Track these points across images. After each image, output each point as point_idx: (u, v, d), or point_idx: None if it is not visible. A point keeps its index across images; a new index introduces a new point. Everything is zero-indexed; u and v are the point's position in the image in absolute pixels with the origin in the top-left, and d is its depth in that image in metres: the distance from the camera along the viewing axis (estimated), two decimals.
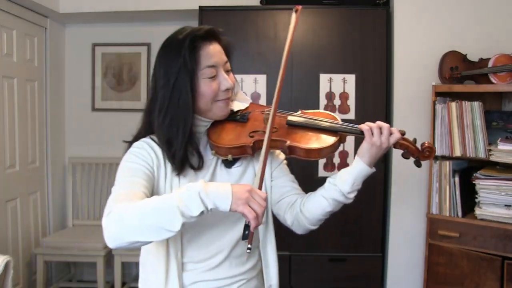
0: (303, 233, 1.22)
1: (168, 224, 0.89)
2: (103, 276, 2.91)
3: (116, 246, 0.92)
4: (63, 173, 3.48)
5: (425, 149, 1.15)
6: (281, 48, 1.22)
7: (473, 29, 2.53)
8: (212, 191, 0.92)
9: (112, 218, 0.92)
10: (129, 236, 0.91)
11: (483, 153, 2.17)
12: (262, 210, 0.93)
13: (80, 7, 3.12)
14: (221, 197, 0.92)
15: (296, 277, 2.71)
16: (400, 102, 2.65)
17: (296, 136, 1.15)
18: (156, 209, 0.90)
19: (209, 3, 2.79)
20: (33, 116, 3.13)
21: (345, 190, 1.11)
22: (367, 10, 2.68)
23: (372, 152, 1.10)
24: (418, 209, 2.61)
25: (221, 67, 1.14)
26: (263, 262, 1.22)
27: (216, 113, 1.15)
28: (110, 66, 3.48)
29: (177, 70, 1.08)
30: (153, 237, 0.91)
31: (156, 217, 0.89)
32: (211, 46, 1.12)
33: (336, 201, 1.13)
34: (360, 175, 1.11)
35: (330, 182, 1.15)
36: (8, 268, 1.84)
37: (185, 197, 0.91)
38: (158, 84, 1.11)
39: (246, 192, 0.93)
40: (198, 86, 1.10)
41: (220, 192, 0.92)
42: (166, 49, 1.13)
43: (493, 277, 2.11)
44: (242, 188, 0.94)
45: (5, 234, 2.80)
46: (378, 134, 1.10)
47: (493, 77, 2.23)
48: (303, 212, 1.17)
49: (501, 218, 2.12)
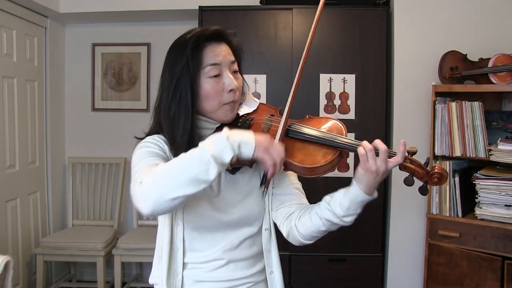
0: (298, 245, 1.18)
1: (204, 173, 0.89)
2: (103, 276, 2.91)
3: (153, 209, 0.90)
4: (63, 173, 3.48)
5: (434, 175, 1.00)
6: (281, 48, 1.20)
7: (473, 29, 2.53)
8: (238, 136, 0.93)
9: (147, 182, 0.90)
10: (168, 193, 0.88)
11: (483, 153, 2.17)
12: (280, 159, 0.95)
13: (80, 7, 3.12)
14: (246, 143, 0.93)
15: (296, 277, 2.71)
16: (400, 102, 2.65)
17: (292, 149, 1.06)
18: (191, 161, 0.90)
19: (209, 3, 2.79)
20: (33, 116, 3.13)
21: (339, 214, 1.04)
22: (367, 10, 2.68)
23: (369, 177, 0.99)
24: (418, 209, 2.61)
25: (227, 67, 1.10)
26: (267, 267, 1.21)
27: (220, 117, 1.12)
28: (110, 66, 3.48)
29: (180, 69, 1.07)
30: (192, 189, 0.89)
31: (193, 169, 0.89)
32: (217, 46, 1.10)
33: (330, 222, 1.07)
34: (356, 201, 1.02)
35: (326, 201, 1.09)
36: (8, 268, 1.84)
37: (216, 144, 0.90)
38: (163, 83, 1.11)
39: (266, 141, 0.95)
40: (199, 86, 1.08)
41: (244, 138, 0.93)
42: (172, 49, 1.12)
43: (493, 277, 2.11)
44: (262, 137, 0.95)
45: (5, 234, 2.80)
46: (373, 159, 0.98)
47: (493, 77, 2.23)
48: (298, 227, 1.13)
49: (501, 218, 2.12)
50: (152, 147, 1.08)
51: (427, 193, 1.03)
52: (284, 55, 2.67)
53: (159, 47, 3.41)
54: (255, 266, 1.19)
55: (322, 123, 1.12)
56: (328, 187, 1.20)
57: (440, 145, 2.28)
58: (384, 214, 2.75)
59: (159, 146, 1.09)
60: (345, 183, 1.07)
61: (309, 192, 1.25)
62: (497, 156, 2.12)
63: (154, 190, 0.89)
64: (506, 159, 2.10)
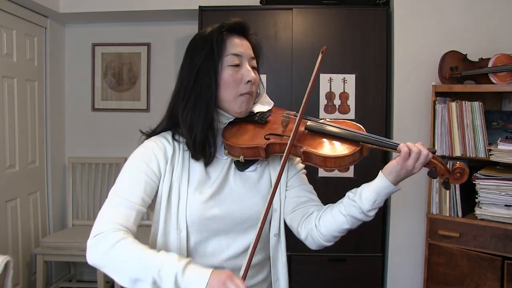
0: (316, 249, 1.17)
1: (140, 282, 0.93)
2: (103, 276, 2.90)
3: (93, 266, 1.01)
4: (63, 173, 3.48)
5: (456, 170, 1.04)
6: (281, 48, 1.21)
7: (473, 29, 2.53)
8: (188, 278, 0.90)
9: (98, 246, 0.98)
10: (106, 271, 0.97)
11: (483, 153, 2.17)
12: None
13: (80, 7, 3.12)
14: (195, 285, 0.89)
15: (296, 277, 2.71)
16: (400, 102, 2.65)
17: (313, 142, 1.08)
18: (137, 266, 0.93)
19: (209, 3, 2.79)
20: (33, 116, 3.13)
21: (365, 208, 1.05)
22: (367, 10, 2.68)
23: (401, 173, 1.03)
24: (418, 209, 2.61)
25: (246, 60, 1.13)
26: (273, 274, 1.18)
27: (235, 109, 1.12)
28: (110, 66, 3.48)
29: (202, 56, 1.09)
30: (126, 283, 0.95)
31: (134, 270, 0.93)
32: (239, 39, 1.12)
33: (354, 219, 1.07)
34: (383, 193, 1.05)
35: (350, 197, 1.08)
36: (8, 268, 1.83)
37: (163, 269, 0.91)
38: (183, 74, 1.12)
39: (222, 285, 0.88)
40: (221, 73, 1.09)
41: (196, 279, 0.89)
42: (194, 42, 1.14)
43: (493, 277, 2.11)
44: (220, 276, 0.89)
45: (5, 234, 2.80)
46: (415, 160, 1.01)
47: (493, 77, 2.23)
48: (318, 227, 1.11)
49: (501, 218, 2.12)
50: (139, 166, 1.08)
51: (450, 188, 1.10)
52: (284, 55, 2.67)
53: (159, 47, 3.41)
54: (258, 275, 1.16)
55: (342, 124, 1.14)
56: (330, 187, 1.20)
57: (440, 145, 2.28)
58: (384, 214, 2.75)
59: (150, 161, 1.08)
60: (343, 183, 1.08)
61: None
62: (497, 156, 2.12)
63: (99, 260, 0.98)
64: (506, 159, 2.10)
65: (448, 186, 1.06)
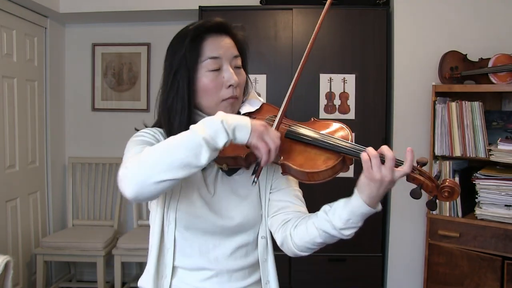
0: (293, 256, 1.10)
1: (194, 157, 0.84)
2: (103, 276, 2.91)
3: (137, 192, 0.84)
4: (63, 173, 3.48)
5: (444, 188, 0.90)
6: (281, 48, 1.19)
7: (473, 29, 2.53)
8: (233, 120, 0.88)
9: (132, 163, 0.86)
10: (154, 176, 0.83)
11: (483, 153, 2.17)
12: (275, 146, 0.90)
13: (80, 7, 3.12)
14: (241, 127, 0.88)
15: (296, 277, 2.71)
16: (400, 102, 2.65)
17: (292, 152, 1.00)
18: (181, 143, 0.85)
19: (209, 3, 2.79)
20: (33, 116, 3.13)
21: (338, 226, 0.96)
22: (367, 10, 2.68)
23: (372, 188, 0.90)
24: (418, 209, 2.61)
25: (228, 61, 1.05)
26: (263, 277, 1.15)
27: None
28: (110, 66, 3.48)
29: (178, 61, 1.03)
30: (180, 173, 0.84)
31: (182, 152, 0.84)
32: (219, 38, 1.05)
33: (327, 234, 0.98)
34: (357, 212, 0.93)
35: (325, 211, 1.00)
36: (8, 268, 1.84)
37: (208, 127, 0.85)
38: (164, 74, 1.08)
39: (262, 126, 0.89)
40: (198, 79, 1.03)
41: (240, 122, 0.88)
42: (174, 41, 1.08)
43: (493, 277, 2.11)
44: (259, 122, 0.91)
45: (5, 234, 2.80)
46: (378, 166, 0.89)
47: (493, 77, 2.23)
48: (293, 237, 1.04)
49: (501, 218, 2.12)
50: (146, 136, 1.04)
51: (435, 209, 0.93)
52: (284, 55, 2.67)
53: (159, 47, 3.41)
54: (250, 278, 1.13)
55: (326, 127, 1.06)
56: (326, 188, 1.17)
57: (440, 145, 2.28)
58: (384, 214, 2.75)
59: (155, 137, 1.05)
60: (343, 183, 1.05)
61: (306, 197, 1.18)
62: (497, 156, 2.12)
63: (140, 171, 0.84)
64: (506, 159, 2.10)
65: (434, 207, 0.92)
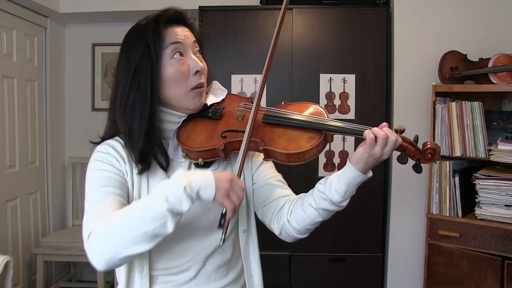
0: (291, 241, 1.11)
1: (162, 228, 0.84)
2: (103, 276, 2.90)
3: (107, 266, 0.86)
4: (63, 173, 3.48)
5: (427, 151, 0.98)
6: (281, 48, 1.19)
7: (473, 29, 2.53)
8: (196, 183, 0.85)
9: (96, 239, 0.85)
10: (121, 252, 0.84)
11: (483, 153, 2.17)
12: (239, 202, 0.89)
13: (80, 7, 3.12)
14: (205, 188, 0.85)
15: (296, 277, 2.71)
16: (400, 102, 2.65)
17: (273, 137, 1.00)
18: (146, 215, 0.83)
19: (209, 3, 2.79)
20: (33, 116, 3.13)
21: (336, 200, 1.00)
22: (367, 10, 2.68)
23: (369, 161, 0.97)
24: (418, 209, 2.61)
25: (190, 48, 1.03)
26: (246, 272, 1.12)
27: (186, 105, 1.04)
28: (110, 66, 3.48)
29: (139, 54, 0.99)
30: (148, 245, 0.85)
31: (148, 224, 0.83)
32: (177, 28, 1.04)
33: (326, 211, 1.02)
34: (353, 183, 0.99)
35: (319, 189, 1.02)
36: (8, 268, 1.84)
37: (172, 196, 0.83)
38: (119, 75, 1.02)
39: (227, 182, 0.87)
40: (162, 69, 1.00)
41: (203, 183, 0.85)
42: (128, 37, 1.05)
43: (493, 277, 2.11)
44: (224, 177, 0.87)
45: (5, 234, 2.80)
46: (382, 146, 0.95)
47: (493, 77, 2.23)
48: (291, 222, 1.06)
49: (501, 218, 2.12)
50: (103, 167, 1.00)
51: (421, 171, 1.00)
52: (284, 55, 2.67)
53: None
54: (228, 275, 1.09)
55: (302, 108, 1.07)
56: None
57: (440, 145, 2.27)
58: (384, 214, 2.75)
59: (111, 161, 1.00)
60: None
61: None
62: (497, 156, 2.12)
63: (107, 248, 0.84)
64: (506, 159, 2.10)
65: (420, 169, 1.00)
